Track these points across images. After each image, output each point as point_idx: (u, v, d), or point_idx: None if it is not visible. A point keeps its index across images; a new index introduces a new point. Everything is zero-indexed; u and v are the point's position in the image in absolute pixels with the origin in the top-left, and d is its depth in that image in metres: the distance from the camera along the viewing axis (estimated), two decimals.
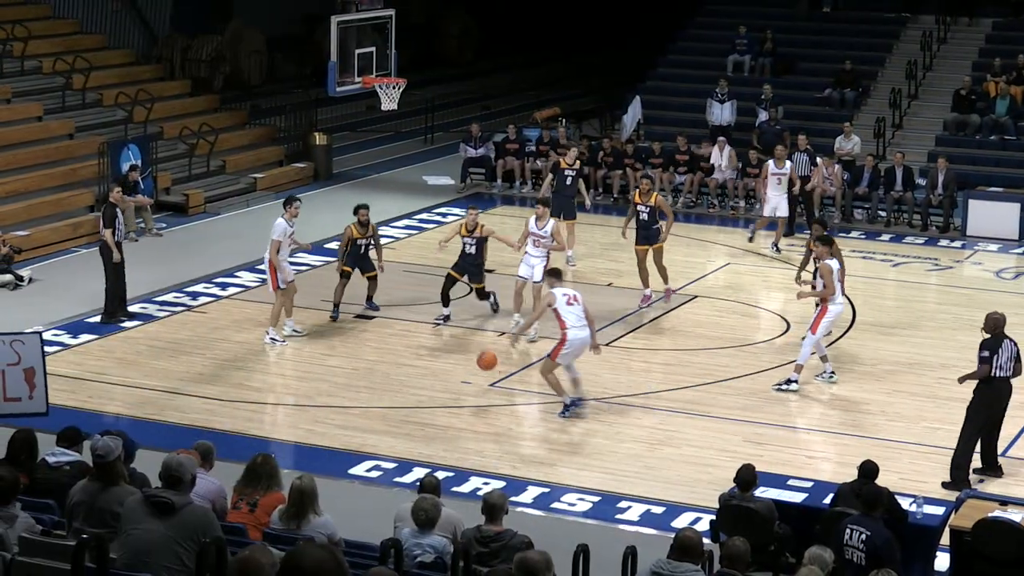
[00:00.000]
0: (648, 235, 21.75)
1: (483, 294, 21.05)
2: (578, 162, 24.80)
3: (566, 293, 17.61)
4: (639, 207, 21.85)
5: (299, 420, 17.41)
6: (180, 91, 32.43)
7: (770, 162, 25.93)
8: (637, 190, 22.70)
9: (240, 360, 19.32)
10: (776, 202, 25.54)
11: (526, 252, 20.70)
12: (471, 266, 20.80)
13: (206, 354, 19.53)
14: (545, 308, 17.73)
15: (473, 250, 20.70)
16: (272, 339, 19.95)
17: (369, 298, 21.27)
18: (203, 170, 29.34)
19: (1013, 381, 15.38)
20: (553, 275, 18.18)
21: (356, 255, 21.04)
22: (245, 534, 10.18)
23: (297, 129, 32.63)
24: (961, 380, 15.52)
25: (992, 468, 15.48)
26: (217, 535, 8.54)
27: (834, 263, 18.58)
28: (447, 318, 20.73)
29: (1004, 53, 32.15)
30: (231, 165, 30.08)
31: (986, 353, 15.23)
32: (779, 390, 18.27)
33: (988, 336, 15.35)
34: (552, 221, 20.95)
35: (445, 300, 20.75)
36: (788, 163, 27.58)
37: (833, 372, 18.77)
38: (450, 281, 20.72)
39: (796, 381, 18.36)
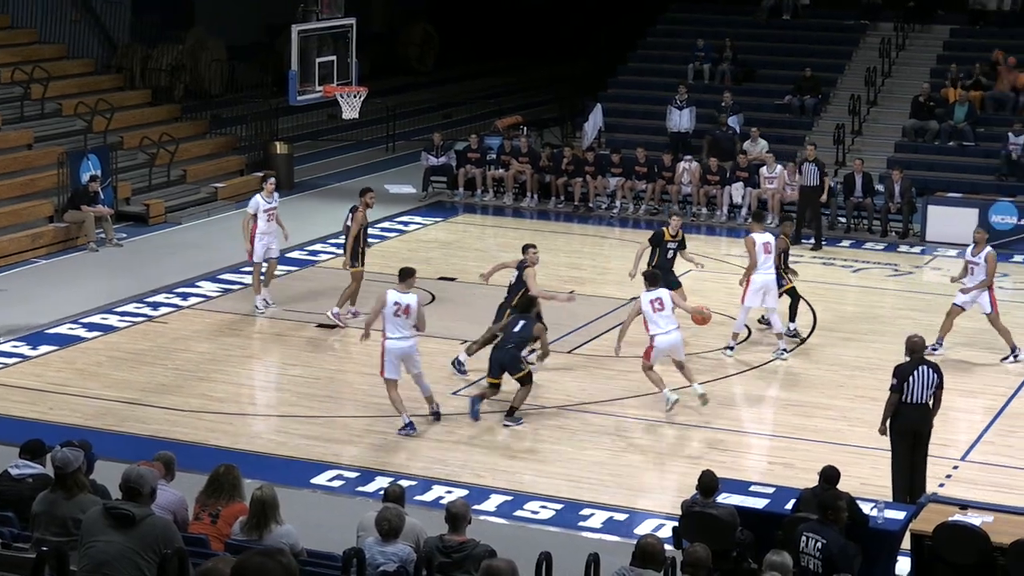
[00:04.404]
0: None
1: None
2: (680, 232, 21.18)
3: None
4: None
5: (261, 430, 17.37)
6: (140, 101, 32.32)
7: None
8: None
9: (202, 370, 19.25)
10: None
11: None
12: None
13: (167, 364, 19.46)
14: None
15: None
16: (255, 306, 21.62)
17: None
18: (164, 180, 29.25)
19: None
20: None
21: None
22: (207, 545, 10.14)
23: (258, 138, 32.57)
24: (881, 431, 14.86)
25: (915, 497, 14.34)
26: (178, 546, 8.51)
27: (760, 236, 19.87)
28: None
29: (961, 60, 32.41)
30: (192, 175, 29.99)
31: (894, 381, 14.65)
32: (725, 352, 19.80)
33: (904, 361, 14.81)
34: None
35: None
36: (779, 167, 27.96)
37: (785, 350, 19.82)
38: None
39: (732, 348, 19.96)
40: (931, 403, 14.74)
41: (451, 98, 41.32)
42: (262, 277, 21.77)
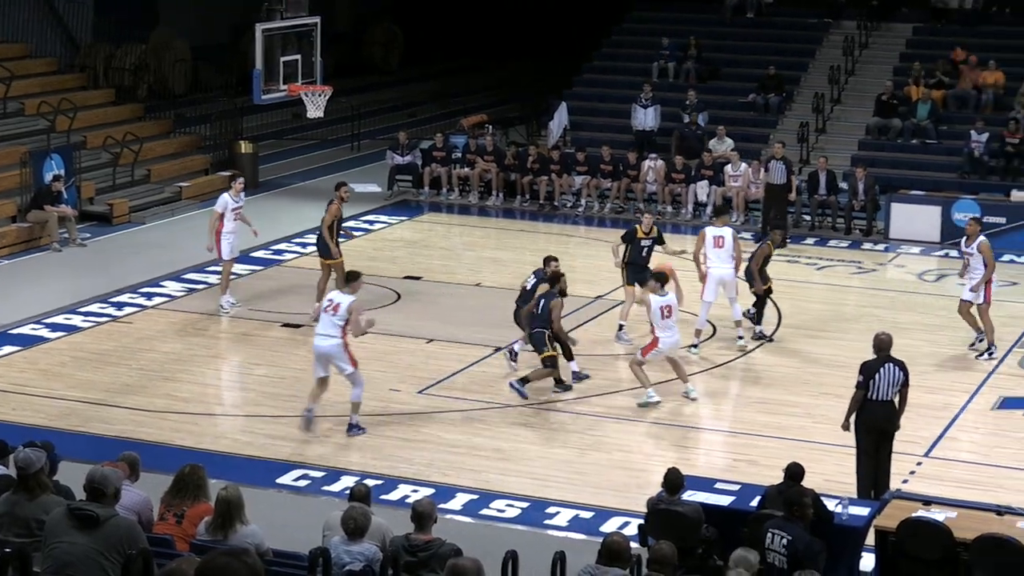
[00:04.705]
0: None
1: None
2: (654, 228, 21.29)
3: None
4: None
5: (226, 430, 17.32)
6: (104, 100, 32.18)
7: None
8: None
9: (167, 370, 19.19)
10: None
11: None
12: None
13: (132, 364, 19.39)
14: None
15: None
16: (220, 306, 21.58)
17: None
18: (128, 179, 29.13)
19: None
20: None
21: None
22: (172, 546, 10.11)
23: (222, 137, 32.46)
24: (844, 426, 14.89)
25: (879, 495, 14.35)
26: (143, 547, 8.48)
27: (714, 230, 20.30)
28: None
29: (924, 58, 32.56)
30: (156, 174, 29.88)
31: (860, 378, 14.68)
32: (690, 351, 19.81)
33: (871, 358, 14.84)
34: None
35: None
36: (743, 165, 28.11)
37: (741, 337, 20.23)
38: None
39: (696, 346, 20.03)
40: (897, 401, 14.81)
41: (416, 97, 41.28)
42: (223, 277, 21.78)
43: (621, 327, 20.74)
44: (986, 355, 20.07)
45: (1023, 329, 21.40)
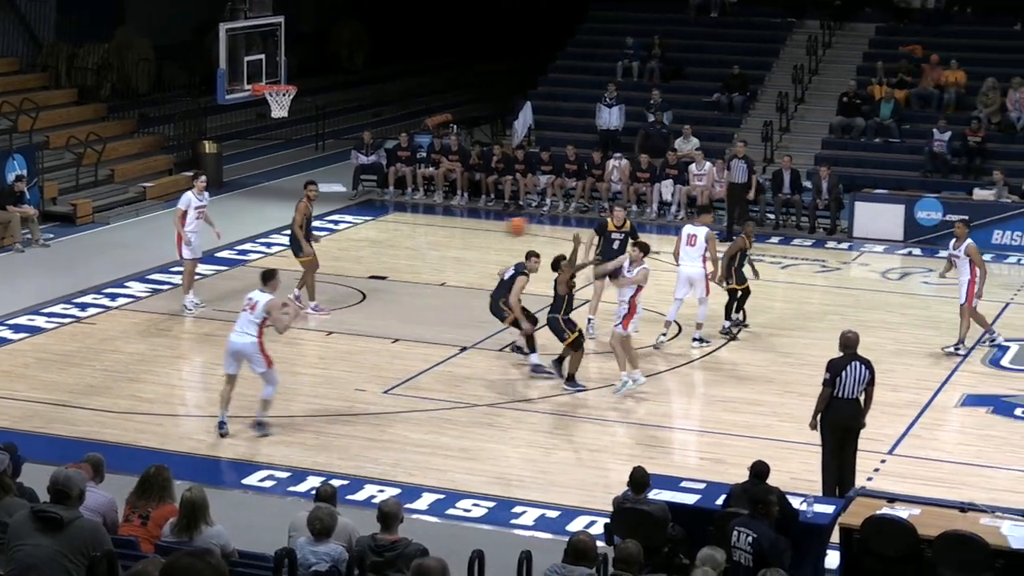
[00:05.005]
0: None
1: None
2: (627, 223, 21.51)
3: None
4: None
5: (191, 430, 17.24)
6: (66, 100, 32.02)
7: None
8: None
9: (131, 371, 19.10)
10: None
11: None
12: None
13: (96, 365, 19.29)
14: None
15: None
16: (184, 306, 21.55)
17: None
18: (91, 179, 28.99)
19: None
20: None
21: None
22: (137, 547, 10.07)
23: (186, 137, 32.35)
24: (812, 425, 14.90)
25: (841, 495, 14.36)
26: (108, 549, 8.45)
27: (689, 228, 20.71)
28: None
29: (887, 57, 32.71)
30: (120, 174, 29.75)
31: (827, 376, 14.71)
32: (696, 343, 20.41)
33: (838, 356, 14.87)
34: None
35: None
36: (707, 164, 28.23)
37: (702, 339, 20.46)
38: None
39: (664, 334, 20.32)
40: (862, 399, 14.87)
41: (381, 97, 41.22)
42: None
43: (590, 320, 20.80)
44: (952, 348, 20.18)
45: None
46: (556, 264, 18.81)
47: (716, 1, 36.15)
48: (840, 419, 14.75)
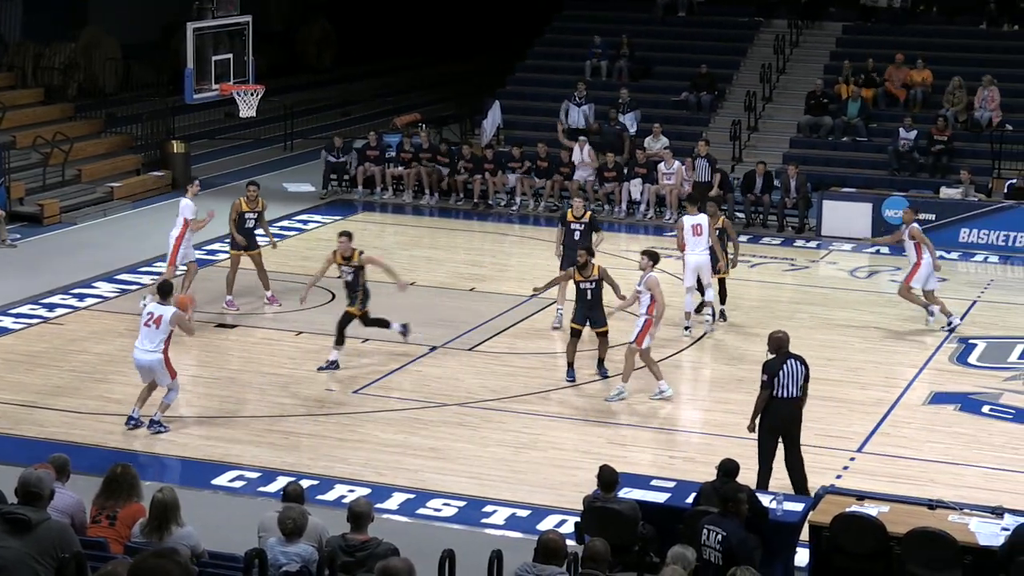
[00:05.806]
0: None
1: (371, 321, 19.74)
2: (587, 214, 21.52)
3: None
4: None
5: (161, 431, 17.16)
6: (33, 99, 31.87)
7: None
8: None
9: (99, 371, 19.03)
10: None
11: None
12: None
13: (63, 366, 19.21)
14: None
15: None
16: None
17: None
18: (58, 179, 28.86)
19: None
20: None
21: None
22: (106, 548, 10.03)
23: (154, 137, 32.22)
24: (750, 427, 14.98)
25: (802, 493, 14.48)
26: (76, 551, 8.41)
27: (691, 219, 20.85)
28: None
29: (854, 56, 32.84)
30: (87, 174, 29.62)
31: (765, 377, 14.76)
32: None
33: (771, 357, 14.93)
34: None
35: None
36: (676, 163, 28.32)
37: (688, 328, 20.83)
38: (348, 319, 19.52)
39: (688, 328, 20.88)
40: (801, 397, 14.90)
41: (349, 96, 41.16)
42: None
43: (559, 310, 20.85)
44: (947, 325, 21.25)
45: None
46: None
47: (684, 0, 36.22)
48: (779, 419, 14.77)
